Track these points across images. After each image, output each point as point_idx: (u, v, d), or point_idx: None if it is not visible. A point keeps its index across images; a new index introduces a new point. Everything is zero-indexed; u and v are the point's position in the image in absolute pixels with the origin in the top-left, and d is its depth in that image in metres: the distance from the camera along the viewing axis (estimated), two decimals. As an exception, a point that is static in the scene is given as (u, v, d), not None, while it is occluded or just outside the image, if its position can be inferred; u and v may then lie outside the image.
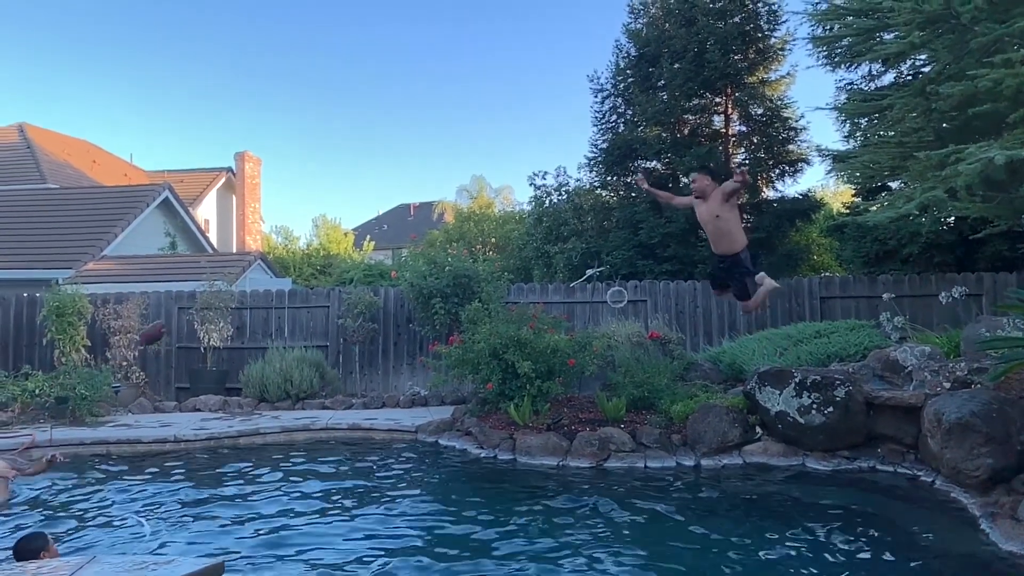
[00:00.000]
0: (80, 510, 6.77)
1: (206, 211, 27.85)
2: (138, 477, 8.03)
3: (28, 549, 4.80)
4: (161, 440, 9.51)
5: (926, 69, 10.16)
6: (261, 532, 6.05)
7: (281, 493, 7.25)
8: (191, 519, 6.44)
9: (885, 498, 6.79)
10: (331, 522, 6.32)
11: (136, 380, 12.74)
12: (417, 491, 7.36)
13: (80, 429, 10.13)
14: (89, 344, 12.70)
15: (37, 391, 10.89)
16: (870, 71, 12.23)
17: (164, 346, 13.47)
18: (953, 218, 12.63)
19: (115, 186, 23.36)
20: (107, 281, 15.44)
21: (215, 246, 24.72)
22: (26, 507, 6.99)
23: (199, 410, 11.93)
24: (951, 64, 8.18)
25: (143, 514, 6.51)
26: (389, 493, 7.25)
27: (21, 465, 7.86)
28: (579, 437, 8.46)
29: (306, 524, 6.27)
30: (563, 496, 6.96)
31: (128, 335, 12.90)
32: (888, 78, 11.99)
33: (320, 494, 7.21)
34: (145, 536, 5.95)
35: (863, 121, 11.61)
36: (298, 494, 7.21)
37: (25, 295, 14.04)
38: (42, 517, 6.56)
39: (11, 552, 4.89)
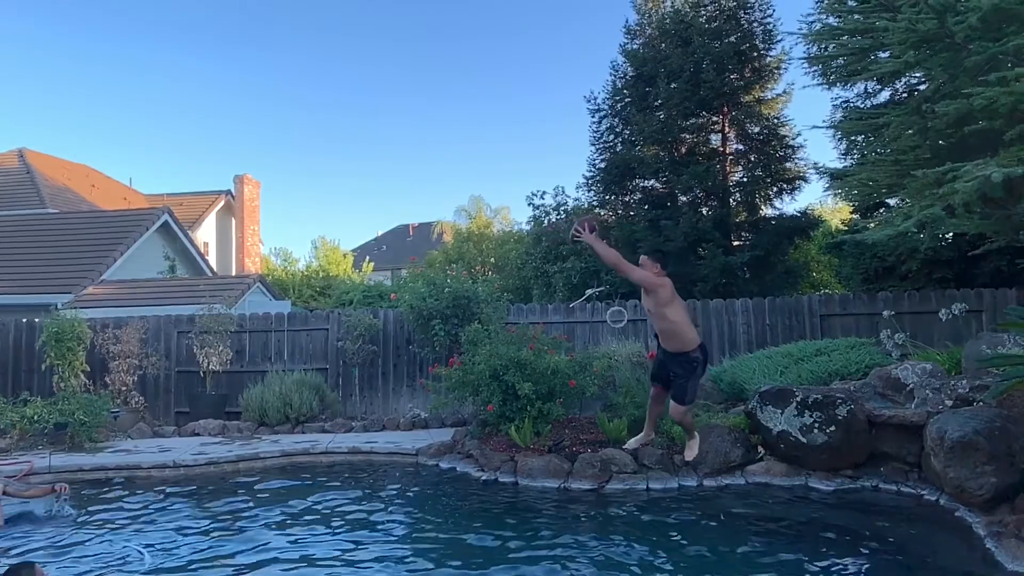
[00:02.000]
0: (78, 537, 6.72)
1: (205, 234, 27.90)
2: (137, 503, 7.98)
3: None
4: (160, 465, 9.46)
5: (922, 87, 10.22)
6: (260, 558, 6.00)
7: (280, 519, 7.20)
8: (190, 546, 6.39)
9: (889, 518, 6.74)
10: (330, 546, 6.27)
11: (135, 405, 12.69)
12: (417, 515, 7.31)
13: (79, 455, 10.08)
14: (88, 369, 12.66)
15: (36, 417, 10.85)
16: (866, 89, 12.30)
17: (163, 370, 13.43)
18: (952, 234, 12.65)
19: (114, 210, 23.41)
20: (106, 305, 15.43)
21: (214, 269, 24.73)
22: (27, 530, 6.94)
23: (198, 434, 11.87)
24: (946, 82, 8.22)
25: (141, 543, 6.45)
26: (389, 518, 7.20)
27: (18, 488, 7.83)
28: (580, 459, 8.42)
29: (304, 549, 6.22)
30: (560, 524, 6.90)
31: (127, 359, 12.87)
32: (884, 96, 12.05)
33: (319, 519, 7.16)
34: (145, 565, 5.90)
35: (860, 139, 11.65)
36: (297, 520, 7.16)
37: (24, 320, 14.01)
38: (37, 543, 6.50)
39: None
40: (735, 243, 16.99)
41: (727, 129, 17.23)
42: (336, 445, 10.39)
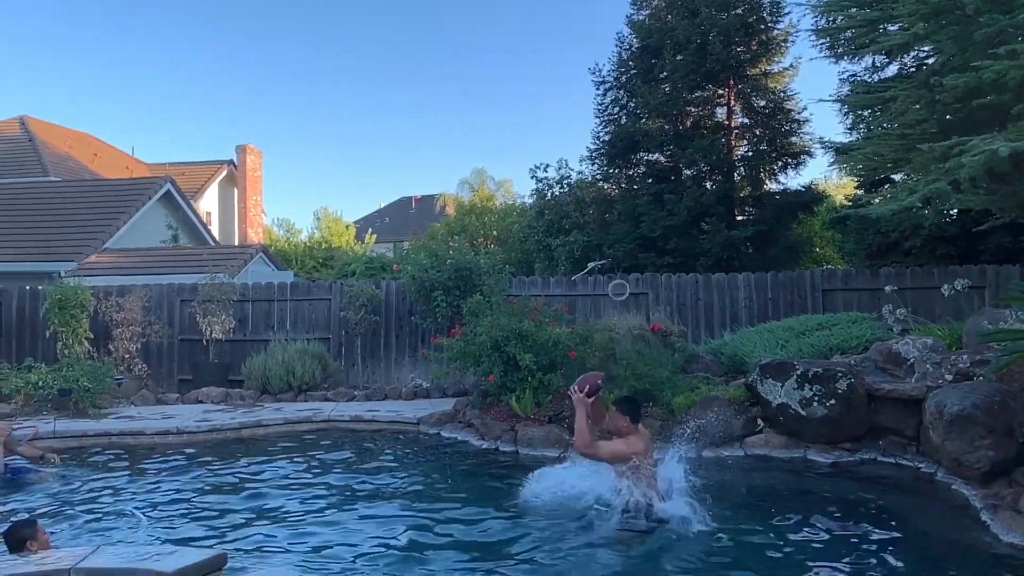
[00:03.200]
0: (81, 501, 6.79)
1: (208, 204, 27.85)
2: (140, 469, 8.06)
3: (16, 537, 4.82)
4: (164, 432, 9.53)
5: (930, 61, 10.11)
6: (263, 523, 6.07)
7: (283, 485, 7.26)
8: (193, 510, 6.46)
9: (886, 490, 6.79)
10: (331, 514, 6.34)
11: (138, 372, 12.77)
12: (419, 483, 7.37)
13: (83, 421, 10.16)
14: (92, 336, 12.72)
15: (40, 383, 10.92)
16: (873, 63, 12.20)
17: (166, 338, 13.49)
18: (956, 211, 12.60)
19: (117, 179, 23.37)
20: (109, 274, 15.46)
21: (217, 239, 24.73)
22: (30, 494, 7.03)
23: (201, 402, 11.95)
24: (955, 55, 8.14)
25: (142, 507, 6.52)
26: (390, 486, 7.26)
27: (23, 449, 7.96)
28: (581, 429, 8.45)
29: (306, 516, 6.29)
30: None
31: (130, 327, 12.92)
32: (892, 70, 11.95)
33: (321, 486, 7.22)
34: (141, 527, 5.96)
35: (866, 113, 11.57)
36: (299, 486, 7.23)
37: (28, 288, 14.05)
38: (44, 506, 6.58)
39: (6, 538, 4.91)
40: (739, 218, 16.96)
41: (733, 102, 17.12)
42: (338, 413, 10.46)
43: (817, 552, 5.19)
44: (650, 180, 17.09)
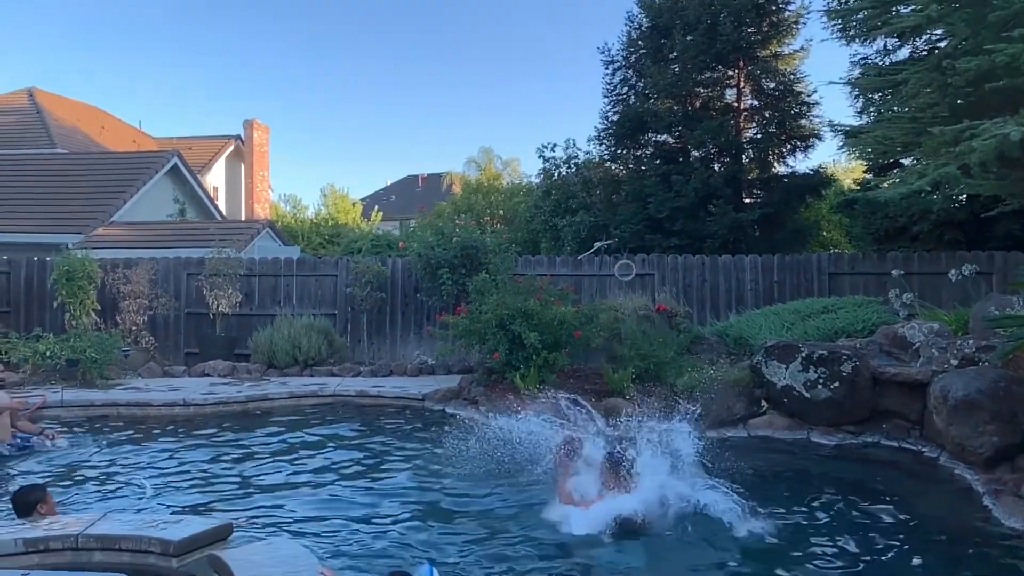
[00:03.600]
0: (88, 470, 6.87)
1: (215, 179, 27.83)
2: (146, 440, 8.13)
3: (26, 501, 4.88)
4: (170, 404, 9.60)
5: (943, 44, 10.04)
6: (267, 494, 6.13)
7: (287, 458, 7.33)
8: (199, 481, 6.53)
9: (889, 473, 6.83)
10: (336, 486, 6.40)
11: (145, 344, 12.84)
12: (423, 457, 7.43)
13: (91, 391, 10.23)
14: (99, 308, 12.77)
15: (48, 353, 10.99)
16: (885, 46, 12.11)
17: (173, 311, 13.55)
18: (965, 196, 12.55)
19: (124, 152, 23.35)
20: (117, 247, 15.48)
21: (224, 214, 24.73)
22: (39, 463, 7.10)
23: (208, 375, 12.02)
24: (968, 38, 8.07)
25: (148, 476, 6.59)
26: (393, 459, 7.32)
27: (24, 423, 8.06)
28: (585, 407, 8.50)
29: (311, 487, 6.35)
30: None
31: (137, 300, 12.97)
32: (903, 53, 11.86)
33: (325, 458, 7.29)
34: (146, 496, 6.03)
35: (877, 96, 11.51)
36: (303, 459, 7.29)
37: (35, 258, 14.10)
38: (52, 475, 6.65)
39: (10, 503, 4.97)
40: (746, 200, 16.89)
41: (742, 84, 16.99)
42: (344, 388, 10.52)
43: (819, 532, 5.24)
44: (658, 161, 17.01)
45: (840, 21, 10.73)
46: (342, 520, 5.48)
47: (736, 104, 17.10)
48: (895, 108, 10.46)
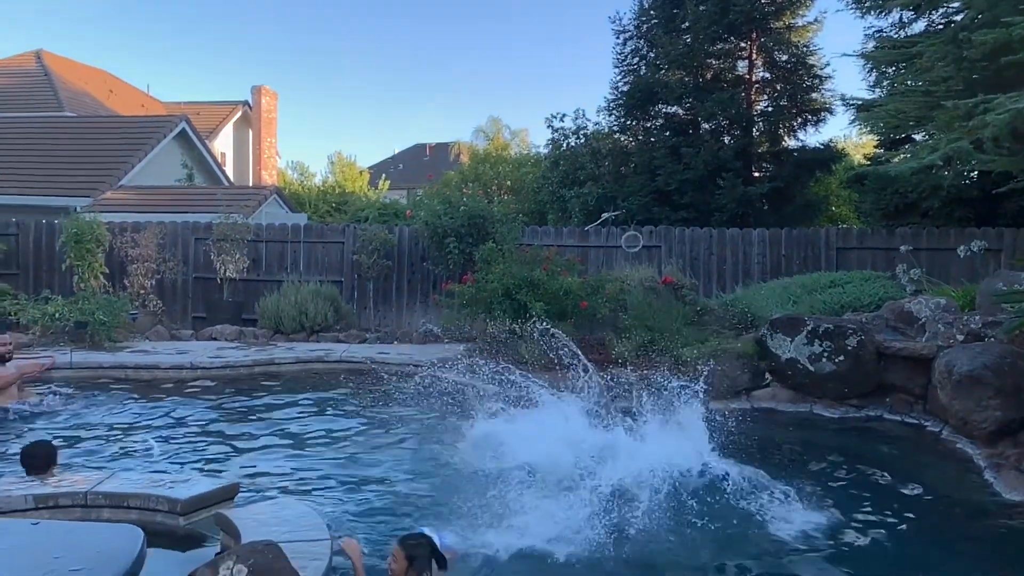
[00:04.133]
0: (96, 429, 6.95)
1: (222, 144, 27.75)
2: (154, 401, 8.21)
3: (37, 458, 4.94)
4: (178, 367, 9.67)
5: (959, 17, 9.89)
6: (274, 456, 6.20)
7: (293, 420, 7.40)
8: (205, 442, 6.61)
9: (891, 446, 6.86)
10: (342, 447, 6.46)
11: (153, 308, 12.91)
12: (427, 421, 7.49)
13: (99, 353, 10.31)
14: (107, 271, 12.83)
15: (57, 315, 11.06)
16: (900, 18, 11.94)
17: (181, 275, 13.60)
18: (976, 172, 12.44)
19: (133, 116, 23.27)
20: (125, 211, 15.50)
21: (231, 180, 24.69)
22: (49, 422, 7.19)
23: (215, 339, 12.09)
24: (985, 11, 7.94)
25: (155, 437, 6.67)
26: (397, 422, 7.39)
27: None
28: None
29: (317, 449, 6.42)
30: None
31: (145, 263, 13.02)
32: (919, 26, 11.70)
33: (330, 421, 7.36)
34: (153, 456, 6.10)
35: (890, 70, 11.37)
36: (309, 422, 7.36)
37: (44, 221, 14.14)
38: (60, 435, 6.73)
39: (23, 458, 5.02)
40: (755, 174, 16.79)
41: (754, 56, 16.81)
42: (350, 354, 10.57)
43: (820, 502, 5.27)
44: (667, 133, 16.89)
45: (855, -9, 10.58)
46: (347, 481, 5.55)
47: (748, 76, 16.93)
48: (909, 81, 10.33)
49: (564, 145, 18.47)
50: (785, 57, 16.60)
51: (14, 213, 14.85)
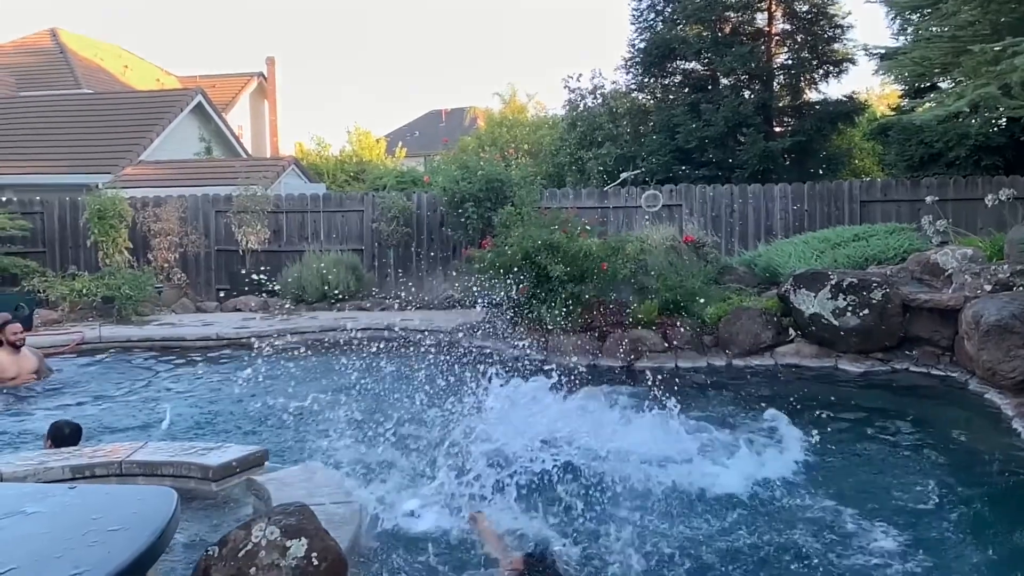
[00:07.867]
0: (124, 398, 7.07)
1: (238, 117, 27.73)
2: (182, 372, 8.33)
3: (66, 432, 5.05)
4: (204, 338, 9.81)
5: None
6: (303, 422, 6.28)
7: (321, 387, 7.47)
8: (233, 410, 6.70)
9: (918, 398, 6.83)
10: (367, 414, 6.52)
11: (177, 281, 13.06)
12: (453, 384, 7.52)
13: (127, 327, 10.47)
14: (131, 246, 12.97)
15: (84, 291, 11.23)
16: (925, -38, 11.60)
17: (203, 248, 13.72)
18: (1004, 119, 12.17)
19: (149, 91, 23.31)
20: (145, 185, 15.61)
21: (249, 151, 24.74)
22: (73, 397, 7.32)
23: (240, 310, 12.22)
24: (1013, -49, 7.72)
25: (171, 406, 6.77)
26: (422, 386, 7.42)
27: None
28: (610, 338, 8.56)
29: (343, 415, 6.48)
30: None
31: (168, 237, 13.15)
32: (944, -31, 11.37)
33: (358, 387, 7.42)
34: (163, 427, 6.18)
35: (914, 16, 11.09)
36: (337, 389, 7.43)
37: (67, 199, 14.29)
38: (88, 408, 6.86)
39: (55, 434, 5.12)
40: (777, 128, 16.54)
41: (774, 7, 16.44)
42: (373, 322, 10.66)
43: (850, 456, 5.27)
44: (686, 90, 16.64)
45: (878, -64, 10.30)
46: (372, 445, 5.60)
47: (767, 28, 16.59)
48: (934, 27, 10.08)
49: (581, 105, 18.28)
50: (805, 7, 16.23)
51: (37, 192, 15.03)
